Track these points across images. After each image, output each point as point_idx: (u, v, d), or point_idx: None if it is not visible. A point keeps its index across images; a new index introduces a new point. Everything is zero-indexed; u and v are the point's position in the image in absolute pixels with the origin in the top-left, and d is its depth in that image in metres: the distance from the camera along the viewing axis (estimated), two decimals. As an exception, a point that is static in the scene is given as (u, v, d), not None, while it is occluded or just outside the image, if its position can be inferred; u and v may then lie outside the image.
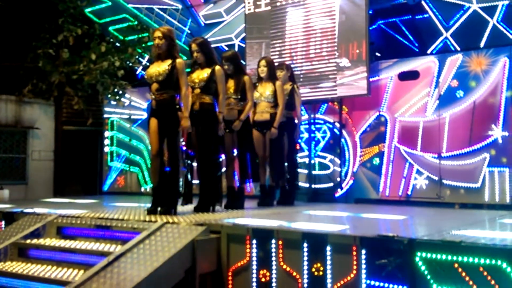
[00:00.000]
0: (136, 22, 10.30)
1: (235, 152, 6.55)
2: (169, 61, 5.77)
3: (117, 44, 10.37)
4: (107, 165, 10.63)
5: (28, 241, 5.52)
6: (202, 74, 6.12)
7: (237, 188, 6.55)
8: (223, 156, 6.52)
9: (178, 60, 5.77)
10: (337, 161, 8.24)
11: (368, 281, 4.00)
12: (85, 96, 10.18)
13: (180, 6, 10.43)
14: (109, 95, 10.18)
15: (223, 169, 6.65)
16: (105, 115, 10.84)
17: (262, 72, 7.06)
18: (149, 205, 5.90)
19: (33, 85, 10.05)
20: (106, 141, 10.74)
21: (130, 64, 10.41)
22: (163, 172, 5.78)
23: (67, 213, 5.98)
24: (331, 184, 8.29)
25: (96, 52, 9.80)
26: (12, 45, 10.36)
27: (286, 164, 7.13)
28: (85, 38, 10.00)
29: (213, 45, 6.51)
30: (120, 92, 10.17)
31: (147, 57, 10.45)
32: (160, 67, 5.77)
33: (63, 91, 10.20)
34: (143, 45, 10.25)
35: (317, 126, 8.52)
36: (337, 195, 8.15)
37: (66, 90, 10.16)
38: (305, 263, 4.31)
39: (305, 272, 4.30)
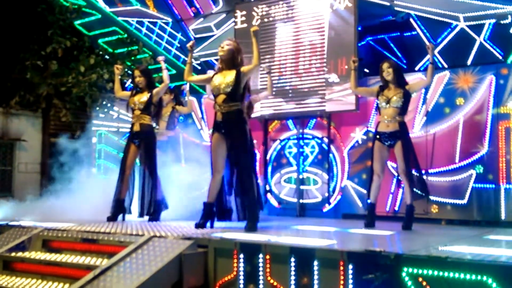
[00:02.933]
0: (125, 35, 10.31)
1: None
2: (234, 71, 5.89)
3: (106, 57, 10.37)
4: (95, 178, 10.55)
5: (13, 254, 5.46)
6: (142, 97, 7.00)
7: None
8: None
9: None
10: (325, 176, 8.26)
11: (355, 296, 4.00)
12: (73, 109, 10.15)
13: (170, 20, 10.46)
14: (98, 108, 10.16)
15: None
16: (93, 128, 10.79)
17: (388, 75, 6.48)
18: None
19: (21, 97, 10.02)
20: (94, 154, 10.67)
21: (120, 77, 10.39)
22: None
23: (53, 226, 5.92)
24: (319, 199, 8.30)
25: (85, 65, 9.80)
26: (-1, 56, 10.34)
27: None
28: (74, 50, 10.01)
29: (203, 59, 6.57)
30: (109, 104, 10.15)
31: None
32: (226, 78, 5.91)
33: (51, 103, 10.16)
34: (132, 58, 10.26)
35: (306, 141, 8.54)
36: (325, 210, 8.15)
37: (54, 102, 10.13)
38: (293, 277, 4.30)
39: (292, 286, 4.29)
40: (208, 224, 5.92)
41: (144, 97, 7.02)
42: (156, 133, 7.49)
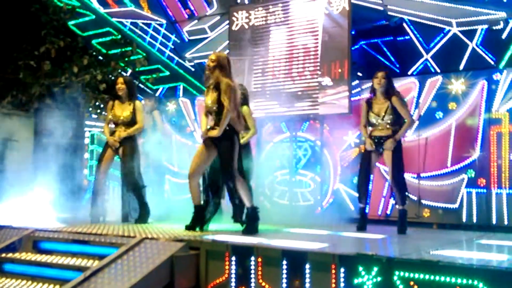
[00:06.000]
0: (119, 36, 10.29)
1: None
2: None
3: (100, 58, 10.34)
4: (87, 179, 10.53)
5: (4, 255, 5.43)
6: (125, 111, 7.01)
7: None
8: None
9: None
10: (318, 179, 8.27)
11: (346, 300, 4.00)
12: (66, 109, 10.11)
13: (164, 22, 10.45)
14: (90, 109, 10.12)
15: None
16: (86, 129, 10.76)
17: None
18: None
19: (13, 97, 9.95)
20: (86, 155, 10.65)
21: (112, 78, 10.38)
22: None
23: (44, 227, 5.90)
24: (312, 202, 8.31)
25: (78, 65, 9.76)
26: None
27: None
28: (68, 51, 9.96)
29: (197, 61, 6.56)
30: (102, 105, 10.12)
31: (129, 71, 10.43)
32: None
33: (44, 103, 10.12)
34: (126, 59, 10.24)
35: (298, 144, 8.55)
36: (317, 212, 8.16)
37: (46, 103, 10.08)
38: (284, 280, 4.30)
39: (284, 289, 4.29)
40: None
41: (127, 111, 7.02)
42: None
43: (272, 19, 8.69)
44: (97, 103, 10.03)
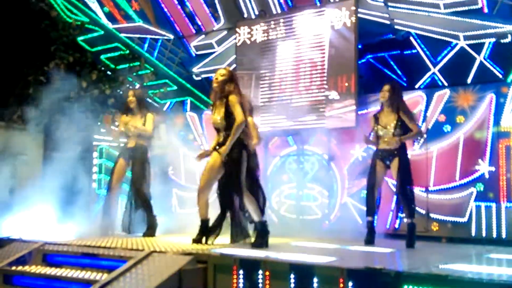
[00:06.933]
0: (127, 51, 10.39)
1: None
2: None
3: (108, 73, 10.43)
4: (95, 193, 10.56)
5: (14, 267, 5.46)
6: (137, 123, 7.08)
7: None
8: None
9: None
10: (325, 192, 8.26)
11: (354, 314, 3.98)
12: (75, 124, 10.17)
13: (172, 37, 10.54)
14: (99, 123, 10.19)
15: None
16: (94, 143, 10.81)
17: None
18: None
19: (23, 112, 10.04)
20: (95, 169, 10.69)
21: (121, 93, 10.45)
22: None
23: (54, 240, 5.92)
24: (319, 216, 8.29)
25: (87, 80, 9.85)
26: (2, 72, 10.38)
27: None
28: (77, 66, 10.06)
29: (204, 76, 6.60)
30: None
31: (137, 85, 10.51)
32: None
33: (53, 118, 10.19)
34: (134, 73, 10.33)
35: (306, 157, 8.56)
36: (324, 226, 8.14)
37: (56, 117, 10.16)
38: (292, 294, 4.28)
39: (292, 303, 4.28)
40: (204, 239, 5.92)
41: (139, 123, 7.15)
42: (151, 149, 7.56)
43: (279, 34, 8.75)
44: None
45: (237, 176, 5.68)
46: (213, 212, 6.00)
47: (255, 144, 6.85)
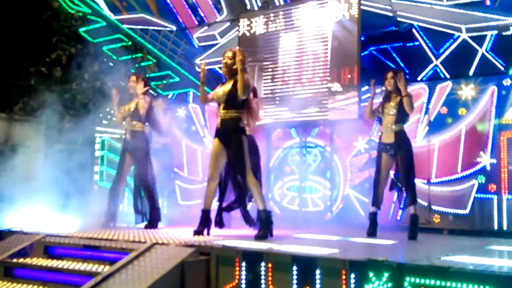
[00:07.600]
0: (130, 43, 10.36)
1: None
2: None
3: (111, 64, 10.42)
4: (97, 184, 10.58)
5: (15, 260, 5.46)
6: (130, 105, 7.18)
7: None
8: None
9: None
10: (328, 184, 8.26)
11: (357, 306, 4.00)
12: (77, 115, 10.18)
13: (174, 28, 10.51)
14: (101, 115, 10.18)
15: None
16: (96, 134, 10.82)
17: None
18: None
19: (24, 103, 10.04)
20: (96, 161, 10.69)
21: (123, 84, 10.43)
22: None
23: (55, 232, 5.93)
24: (322, 208, 8.30)
25: (88, 71, 9.83)
26: (4, 63, 10.37)
27: None
28: (79, 57, 10.05)
29: (207, 67, 6.59)
30: (112, 111, 10.17)
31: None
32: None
33: (55, 110, 10.20)
34: (136, 65, 10.31)
35: (308, 149, 8.56)
36: (327, 218, 8.15)
37: (57, 109, 10.17)
38: (294, 286, 4.30)
39: (294, 295, 4.29)
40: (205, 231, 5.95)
41: (133, 104, 7.20)
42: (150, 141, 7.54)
43: (282, 26, 8.72)
44: (107, 109, 10.08)
45: (241, 160, 5.79)
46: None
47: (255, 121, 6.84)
